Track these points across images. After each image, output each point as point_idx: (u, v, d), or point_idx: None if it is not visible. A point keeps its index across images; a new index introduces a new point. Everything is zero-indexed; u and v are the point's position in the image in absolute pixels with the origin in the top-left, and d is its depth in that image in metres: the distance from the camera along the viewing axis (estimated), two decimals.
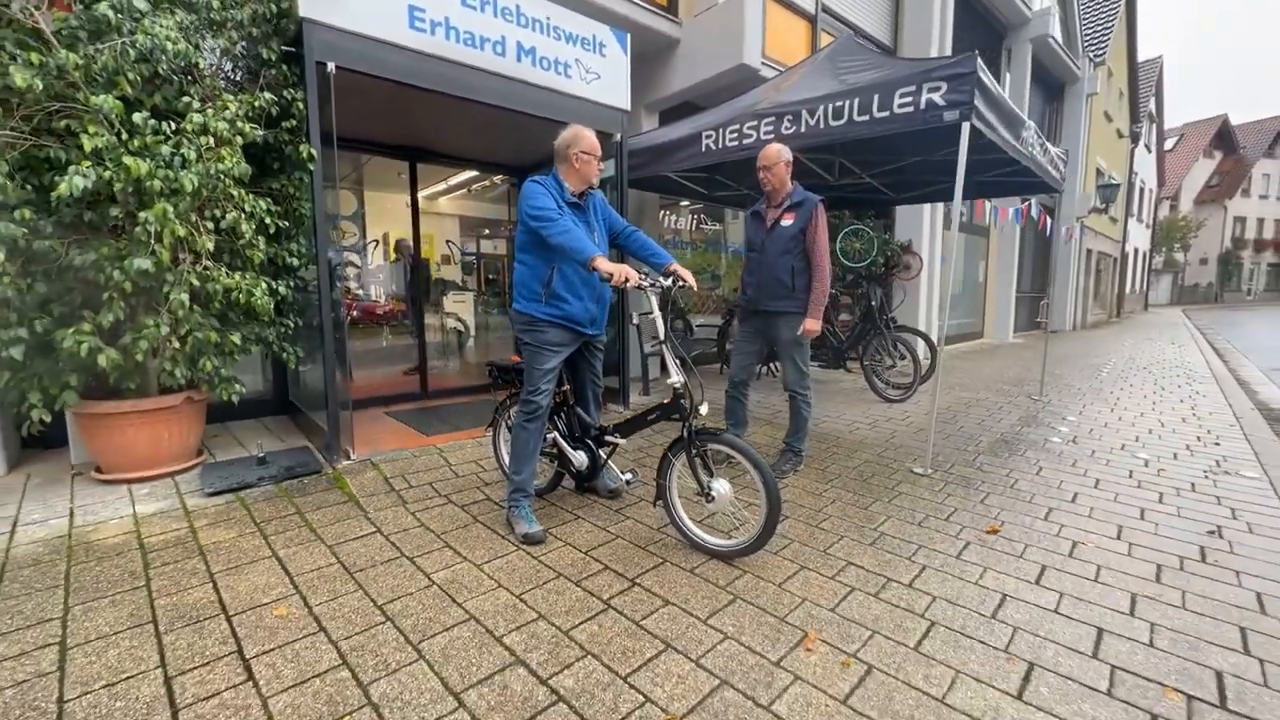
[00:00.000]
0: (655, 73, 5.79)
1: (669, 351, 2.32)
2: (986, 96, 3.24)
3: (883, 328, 5.40)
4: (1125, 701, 1.53)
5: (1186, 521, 2.73)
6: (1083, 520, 2.73)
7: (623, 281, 2.15)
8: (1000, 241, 11.91)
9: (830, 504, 2.88)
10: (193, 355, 2.75)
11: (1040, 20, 10.76)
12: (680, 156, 4.60)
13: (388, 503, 2.75)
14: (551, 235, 2.23)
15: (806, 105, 3.75)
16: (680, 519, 2.37)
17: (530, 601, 1.95)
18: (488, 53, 3.47)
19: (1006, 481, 3.25)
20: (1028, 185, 5.29)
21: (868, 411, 4.93)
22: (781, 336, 3.17)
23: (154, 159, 2.37)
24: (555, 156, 2.46)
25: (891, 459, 3.63)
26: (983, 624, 1.88)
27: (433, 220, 7.32)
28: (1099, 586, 2.12)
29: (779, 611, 1.92)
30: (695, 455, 2.24)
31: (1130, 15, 17.11)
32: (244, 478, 2.87)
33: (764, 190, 3.21)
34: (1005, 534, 2.57)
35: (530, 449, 2.47)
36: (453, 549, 2.33)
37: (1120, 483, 3.26)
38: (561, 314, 2.42)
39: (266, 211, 2.86)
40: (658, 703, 1.50)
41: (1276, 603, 2.02)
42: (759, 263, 3.18)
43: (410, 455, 3.29)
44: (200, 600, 1.92)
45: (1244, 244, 36.75)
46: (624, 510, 2.75)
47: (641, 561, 2.25)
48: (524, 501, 2.46)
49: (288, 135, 2.98)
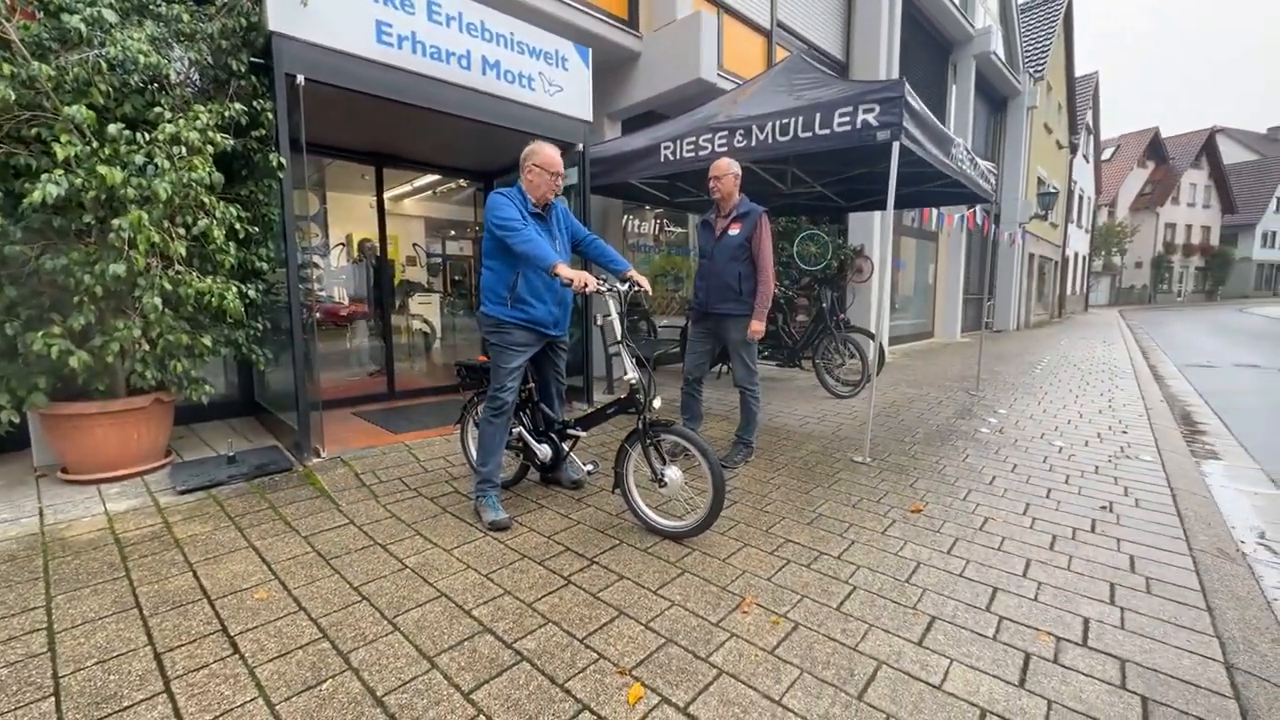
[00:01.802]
0: (618, 83, 6.01)
1: (625, 351, 2.53)
2: (915, 118, 3.57)
3: (833, 328, 5.74)
4: (1005, 644, 1.82)
5: (1084, 499, 3.09)
6: (996, 499, 3.06)
7: (582, 287, 2.36)
8: (949, 246, 12.55)
9: (775, 490, 3.14)
10: (162, 357, 2.82)
11: (983, 38, 11.42)
12: (641, 165, 4.82)
13: (359, 497, 2.88)
14: (515, 244, 2.42)
15: (757, 121, 4.02)
16: (636, 504, 2.58)
17: (497, 580, 2.14)
18: (454, 66, 3.62)
19: (935, 468, 3.58)
20: (962, 195, 5.72)
21: (818, 407, 5.25)
22: (731, 337, 3.42)
23: (127, 167, 2.46)
24: (519, 168, 2.64)
25: (835, 450, 3.93)
26: (897, 587, 2.15)
27: (398, 221, 7.34)
28: (1000, 554, 2.43)
29: (721, 582, 2.16)
30: (649, 445, 2.46)
31: (1068, 33, 18.21)
32: (215, 475, 2.96)
33: (713, 199, 3.45)
34: (927, 513, 2.87)
35: (496, 442, 2.64)
36: (423, 536, 2.49)
37: (1034, 467, 3.63)
38: (526, 317, 2.60)
39: (236, 218, 2.96)
40: (610, 659, 1.70)
41: (1144, 563, 2.37)
42: (709, 269, 3.42)
43: (379, 452, 3.41)
44: (181, 587, 2.03)
45: (1174, 249, 39.31)
46: (585, 499, 2.95)
47: (600, 543, 2.46)
48: (490, 491, 2.64)
49: (257, 144, 3.08)
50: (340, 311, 6.42)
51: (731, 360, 3.53)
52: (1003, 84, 13.57)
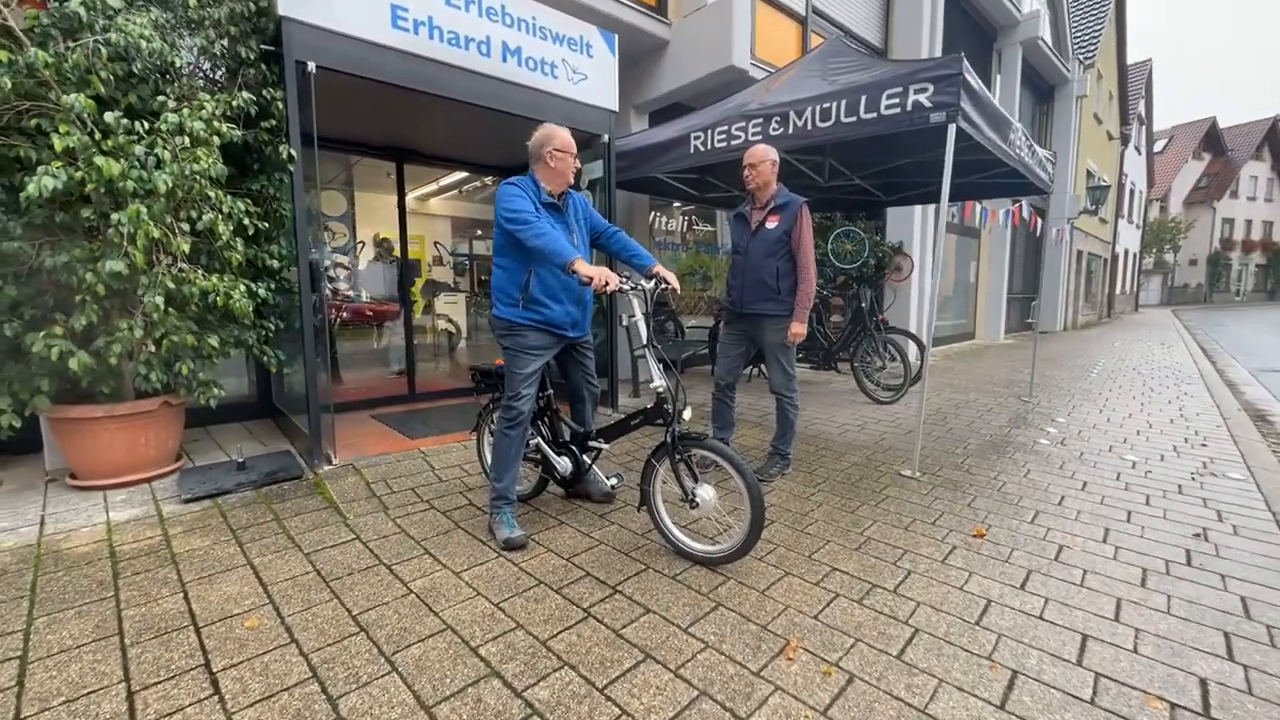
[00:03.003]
0: (644, 74, 5.77)
1: (651, 355, 2.29)
2: (973, 98, 3.24)
3: (873, 329, 5.39)
4: (1109, 710, 1.51)
5: (1172, 524, 2.72)
6: (1069, 523, 2.72)
7: (602, 286, 2.12)
8: (991, 243, 11.95)
9: (817, 508, 2.86)
10: (168, 359, 2.70)
11: (1030, 23, 10.81)
12: (669, 158, 4.58)
13: (368, 509, 2.71)
14: (528, 238, 2.19)
15: (794, 106, 3.73)
16: (664, 524, 2.34)
17: (509, 610, 1.92)
18: (472, 52, 3.44)
19: (994, 484, 3.24)
20: (1017, 187, 5.30)
21: (858, 413, 4.92)
22: (767, 339, 3.14)
23: (127, 159, 2.33)
24: (530, 157, 2.42)
25: (880, 462, 3.61)
26: (966, 631, 1.85)
27: (424, 221, 7.27)
28: (1084, 592, 2.11)
29: (761, 619, 1.90)
30: (679, 461, 2.22)
31: (1120, 18, 17.24)
32: (222, 483, 2.82)
33: (748, 189, 3.18)
34: (991, 538, 2.55)
35: (511, 456, 2.43)
36: (432, 556, 2.29)
37: (1107, 485, 3.25)
38: (540, 318, 2.38)
39: (245, 213, 2.82)
40: (634, 715, 1.47)
41: (1261, 607, 2.01)
42: (743, 265, 3.15)
43: (393, 459, 3.24)
44: (169, 611, 1.87)
45: (1232, 245, 37.12)
46: (608, 515, 2.71)
47: (624, 568, 2.22)
48: (505, 508, 2.43)
49: (267, 135, 2.94)
50: (365, 311, 6.33)
51: (767, 364, 3.25)
52: (1050, 72, 12.86)
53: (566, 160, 2.38)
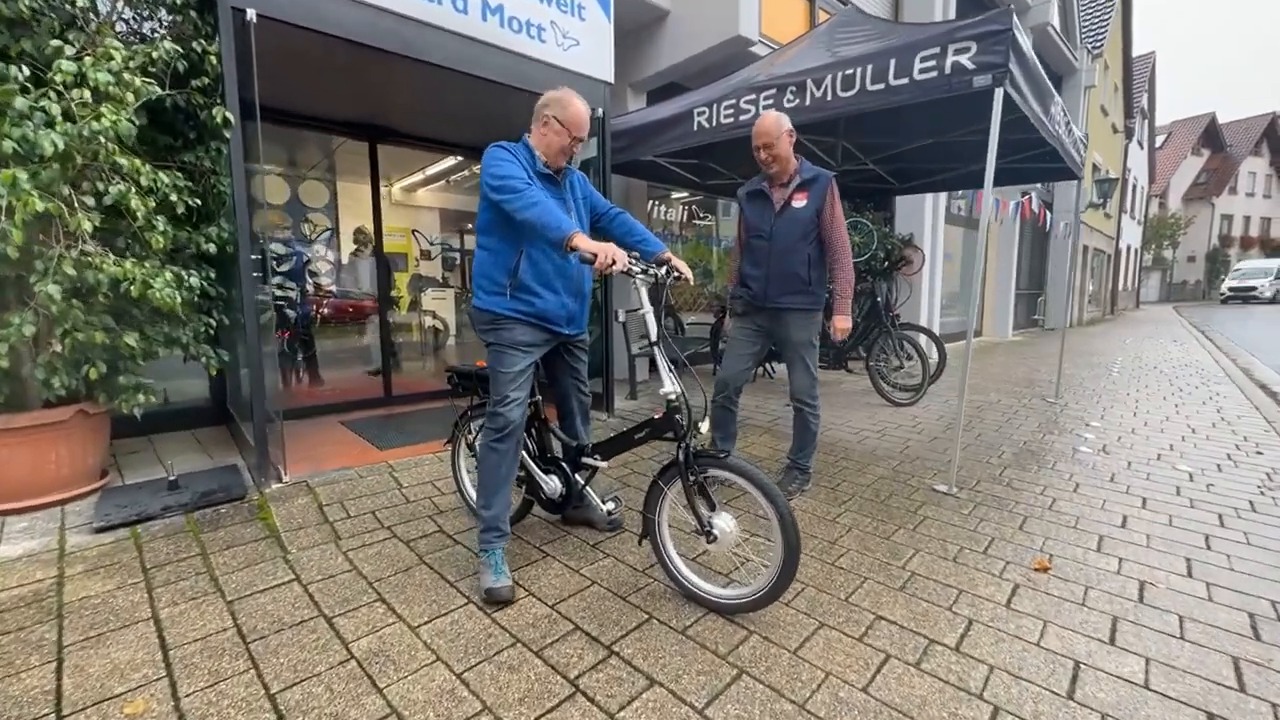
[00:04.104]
0: (642, 48, 5.33)
1: (662, 355, 1.87)
2: (1021, 61, 2.84)
3: (890, 326, 4.99)
4: None
5: (1260, 551, 2.32)
6: (1142, 551, 2.32)
7: (608, 265, 1.70)
8: (999, 236, 11.58)
9: (846, 533, 2.45)
10: (77, 360, 2.26)
11: (1040, 8, 10.41)
12: (669, 137, 4.15)
13: (316, 538, 2.28)
14: (518, 209, 1.78)
15: (812, 75, 3.31)
16: (672, 563, 1.92)
17: (474, 684, 1.50)
18: (446, 8, 3.00)
19: (1042, 501, 2.84)
20: (1047, 171, 4.91)
21: (874, 417, 4.52)
22: (793, 337, 2.71)
23: (5, 115, 1.89)
24: (533, 118, 2.01)
25: (909, 474, 3.21)
26: (1060, 709, 1.45)
27: (409, 214, 6.83)
28: (1189, 647, 1.71)
29: (796, 693, 1.48)
30: (693, 484, 1.80)
31: (1126, 7, 16.89)
32: (146, 507, 2.39)
33: (766, 171, 2.75)
34: (1058, 571, 2.15)
35: (502, 475, 1.99)
36: (385, 603, 1.86)
37: (1169, 501, 2.86)
38: (531, 310, 1.97)
39: (173, 187, 2.38)
40: None
41: None
42: (767, 252, 2.70)
43: (356, 475, 2.82)
44: (30, 691, 1.44)
45: (1231, 241, 36.95)
46: (602, 545, 2.30)
47: (622, 618, 1.81)
48: (497, 544, 1.98)
49: (201, 98, 2.50)
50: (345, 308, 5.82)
51: (790, 367, 2.81)
52: (1058, 60, 12.47)
53: (564, 139, 1.97)
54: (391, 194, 6.37)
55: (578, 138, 1.99)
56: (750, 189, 2.83)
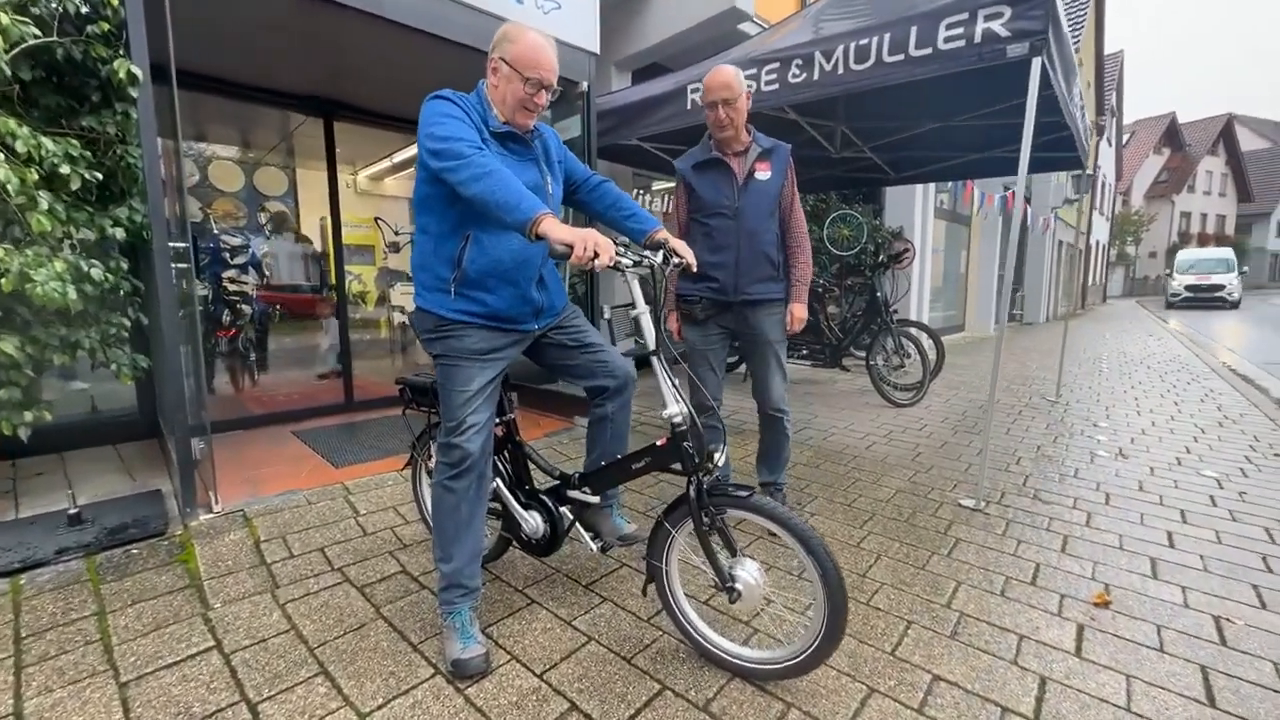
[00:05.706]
0: (629, 22, 4.95)
1: (662, 368, 1.52)
2: (1057, 31, 2.55)
3: (890, 323, 4.73)
4: None
5: None
6: (1201, 577, 2.07)
7: (588, 258, 1.29)
8: (982, 230, 11.53)
9: (876, 561, 2.15)
10: None
11: None
12: (659, 117, 3.80)
13: (249, 587, 1.87)
14: (463, 181, 1.35)
15: (821, 46, 2.99)
16: (684, 616, 1.58)
17: None
18: None
19: (1077, 517, 2.59)
20: (1050, 161, 4.67)
21: (877, 419, 4.26)
22: (769, 334, 2.28)
23: None
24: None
25: (928, 487, 2.93)
26: None
27: (375, 203, 6.33)
28: None
29: None
30: (708, 527, 1.45)
31: (1099, 5, 17.06)
32: (37, 550, 1.95)
33: (719, 134, 2.22)
34: (1119, 605, 1.88)
35: (462, 519, 1.56)
36: (329, 678, 1.48)
37: (1208, 514, 2.64)
38: (484, 310, 1.55)
39: (64, 157, 1.93)
40: None
41: None
42: (734, 232, 2.21)
43: (304, 500, 2.41)
44: None
45: (1189, 238, 38.18)
46: (597, 586, 1.94)
47: (628, 691, 1.46)
48: (463, 603, 1.57)
49: (103, 49, 2.05)
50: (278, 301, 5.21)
51: (762, 372, 2.32)
52: None
53: (514, 81, 1.51)
54: (357, 182, 5.88)
55: (532, 79, 1.50)
56: (698, 159, 2.27)
